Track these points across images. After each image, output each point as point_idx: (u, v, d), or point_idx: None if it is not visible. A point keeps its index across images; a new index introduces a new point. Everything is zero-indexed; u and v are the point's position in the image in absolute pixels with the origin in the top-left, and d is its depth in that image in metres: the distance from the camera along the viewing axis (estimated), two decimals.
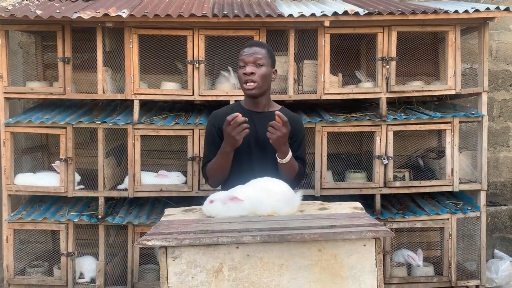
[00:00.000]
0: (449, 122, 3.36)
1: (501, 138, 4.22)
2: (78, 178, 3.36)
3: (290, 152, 2.22)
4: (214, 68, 3.71)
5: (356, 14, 3.15)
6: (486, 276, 3.56)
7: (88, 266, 3.38)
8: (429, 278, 3.41)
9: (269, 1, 3.89)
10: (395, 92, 3.34)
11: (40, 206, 3.47)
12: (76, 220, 3.28)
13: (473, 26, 3.44)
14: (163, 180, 3.34)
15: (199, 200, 3.15)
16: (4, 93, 3.29)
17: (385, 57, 3.30)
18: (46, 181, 3.33)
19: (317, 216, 1.97)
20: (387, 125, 3.32)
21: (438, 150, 3.73)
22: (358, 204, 2.19)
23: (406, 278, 3.42)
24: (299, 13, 3.17)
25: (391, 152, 3.32)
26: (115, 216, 3.34)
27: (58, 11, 3.17)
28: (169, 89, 3.36)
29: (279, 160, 2.21)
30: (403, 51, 3.39)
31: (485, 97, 3.42)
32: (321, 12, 3.18)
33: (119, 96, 3.31)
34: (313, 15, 3.15)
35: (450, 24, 3.33)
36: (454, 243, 3.40)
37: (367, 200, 3.42)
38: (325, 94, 3.32)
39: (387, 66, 3.30)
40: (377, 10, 3.18)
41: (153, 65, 3.64)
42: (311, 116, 3.40)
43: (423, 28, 3.34)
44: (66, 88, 3.28)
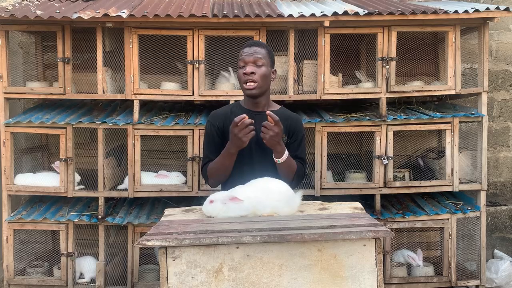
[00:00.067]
0: (449, 122, 3.36)
1: (501, 138, 4.22)
2: (78, 178, 3.36)
3: (287, 151, 2.22)
4: (214, 68, 3.71)
5: (356, 14, 3.15)
6: (486, 276, 3.57)
7: (88, 266, 3.38)
8: (429, 278, 3.42)
9: (269, 1, 3.89)
10: (395, 92, 3.34)
11: (40, 206, 3.47)
12: (76, 220, 3.28)
13: (473, 26, 3.44)
14: (163, 180, 3.34)
15: (199, 200, 3.16)
16: (4, 93, 3.29)
17: (385, 57, 3.30)
18: (46, 181, 3.33)
19: (317, 216, 1.97)
20: (387, 125, 3.32)
21: (438, 150, 3.73)
22: (358, 204, 2.18)
23: (406, 278, 3.42)
24: (299, 13, 3.17)
25: (391, 152, 3.32)
26: (115, 216, 3.34)
27: (58, 11, 3.17)
28: (169, 89, 3.37)
29: (275, 160, 2.21)
30: (403, 51, 3.39)
31: (485, 97, 3.42)
32: (321, 12, 3.18)
33: (119, 96, 3.32)
34: (313, 15, 3.15)
35: (450, 24, 3.33)
36: (454, 243, 3.40)
37: (367, 200, 3.43)
38: (325, 94, 3.32)
39: (387, 66, 3.30)
40: (377, 10, 3.18)
41: (153, 65, 3.65)
42: (311, 116, 3.40)
43: (423, 28, 3.34)
44: (66, 88, 3.29)
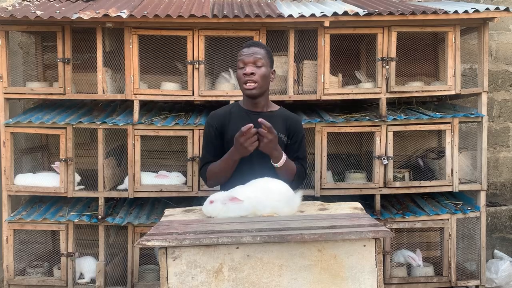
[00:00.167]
0: (449, 123, 3.36)
1: (500, 138, 4.22)
2: (78, 178, 3.36)
3: (284, 155, 2.22)
4: (214, 69, 3.71)
5: (356, 14, 3.15)
6: (486, 276, 3.57)
7: (88, 267, 3.38)
8: (429, 278, 3.42)
9: (269, 1, 3.89)
10: (395, 92, 3.34)
11: (40, 207, 3.47)
12: (76, 220, 3.28)
13: (473, 26, 3.44)
14: (163, 180, 3.34)
15: (199, 201, 3.16)
16: (4, 93, 3.29)
17: (385, 57, 3.30)
18: (46, 181, 3.33)
19: (317, 217, 1.97)
20: (387, 125, 3.32)
21: (438, 151, 3.73)
22: (358, 205, 2.18)
23: (406, 278, 3.42)
24: (299, 13, 3.17)
25: (391, 153, 3.33)
26: (115, 217, 3.34)
27: (58, 11, 3.17)
28: (169, 89, 3.37)
29: (274, 165, 2.21)
30: (403, 52, 3.39)
31: (484, 98, 3.42)
32: (321, 12, 3.18)
33: (119, 97, 3.32)
34: (313, 15, 3.15)
35: (449, 25, 3.33)
36: (454, 243, 3.40)
37: (367, 200, 3.43)
38: (325, 94, 3.32)
39: (387, 67, 3.30)
40: (377, 10, 3.18)
41: (153, 65, 3.65)
42: (311, 117, 3.40)
43: (423, 28, 3.34)
44: (66, 89, 3.29)
